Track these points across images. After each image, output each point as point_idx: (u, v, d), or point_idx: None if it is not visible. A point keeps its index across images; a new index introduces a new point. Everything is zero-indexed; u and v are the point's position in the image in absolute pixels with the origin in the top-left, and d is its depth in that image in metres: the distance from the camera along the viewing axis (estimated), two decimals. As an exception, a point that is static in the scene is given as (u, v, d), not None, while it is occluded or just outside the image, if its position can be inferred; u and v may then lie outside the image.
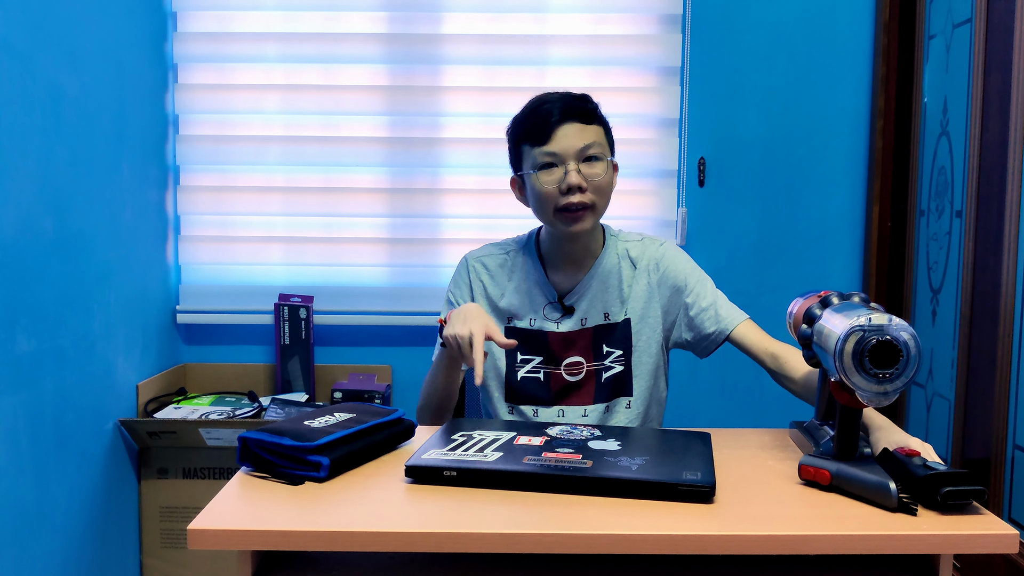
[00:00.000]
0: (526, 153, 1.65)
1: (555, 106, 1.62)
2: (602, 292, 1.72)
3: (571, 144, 1.60)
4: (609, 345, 1.71)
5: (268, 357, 2.62)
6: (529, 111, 1.65)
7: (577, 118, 1.62)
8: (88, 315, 2.05)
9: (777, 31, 2.52)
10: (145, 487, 2.33)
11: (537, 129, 1.61)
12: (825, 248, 2.57)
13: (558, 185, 1.60)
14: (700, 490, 1.18)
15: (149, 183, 2.41)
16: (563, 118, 1.61)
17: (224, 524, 1.12)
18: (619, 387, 1.71)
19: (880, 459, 1.23)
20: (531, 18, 2.55)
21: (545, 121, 1.61)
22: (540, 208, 1.65)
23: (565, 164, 1.61)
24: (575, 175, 1.60)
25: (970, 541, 1.10)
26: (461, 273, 1.79)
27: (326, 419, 1.39)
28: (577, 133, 1.61)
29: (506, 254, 1.77)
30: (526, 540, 1.09)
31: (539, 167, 1.62)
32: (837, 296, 1.31)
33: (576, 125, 1.62)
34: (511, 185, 1.73)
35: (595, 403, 1.71)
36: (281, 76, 2.58)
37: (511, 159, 1.71)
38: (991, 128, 1.91)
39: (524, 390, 1.71)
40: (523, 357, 1.72)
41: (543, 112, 1.62)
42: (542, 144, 1.61)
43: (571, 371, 1.71)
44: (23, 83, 1.79)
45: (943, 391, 2.11)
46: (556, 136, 1.60)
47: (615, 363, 1.71)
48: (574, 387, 1.71)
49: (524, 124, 1.65)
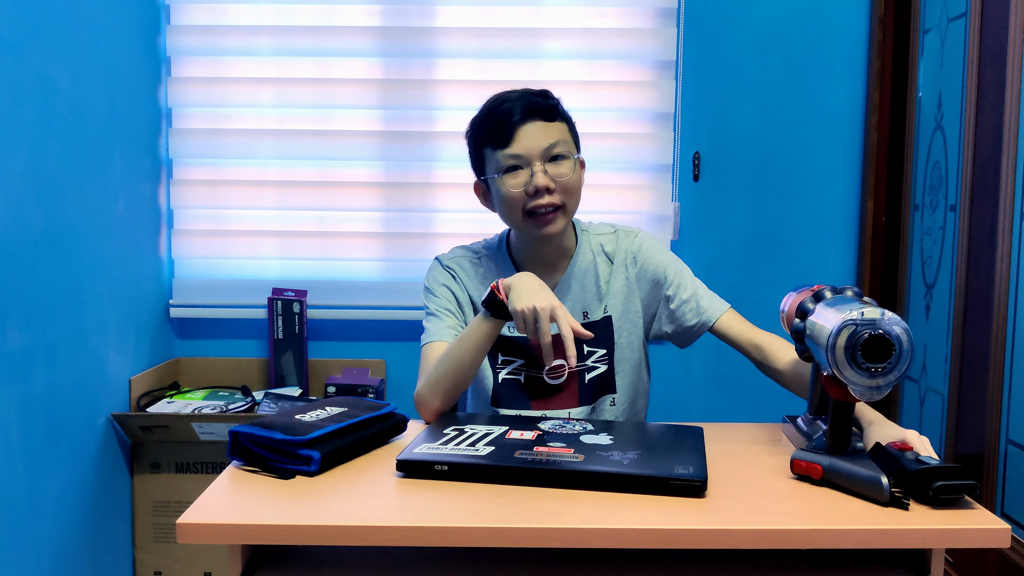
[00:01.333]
0: (488, 156, 1.59)
1: (515, 105, 1.56)
2: (580, 291, 1.68)
3: (535, 144, 1.55)
4: (590, 344, 1.67)
5: (261, 351, 2.61)
6: (488, 112, 1.59)
7: (539, 116, 1.56)
8: (80, 309, 2.04)
9: (772, 25, 2.52)
10: (138, 481, 2.33)
11: (498, 130, 1.56)
12: (819, 243, 2.57)
13: (524, 188, 1.56)
14: (692, 484, 1.18)
15: (142, 177, 2.41)
16: (524, 117, 1.55)
17: (214, 518, 1.12)
18: (603, 386, 1.67)
19: (872, 453, 1.23)
20: (526, 11, 2.54)
21: (506, 121, 1.55)
22: (508, 213, 1.60)
23: (531, 165, 1.55)
24: (542, 176, 1.55)
25: (962, 535, 1.10)
26: (439, 271, 1.71)
27: (317, 413, 1.39)
28: (540, 132, 1.56)
29: (477, 258, 1.71)
30: (518, 534, 1.09)
31: (503, 170, 1.56)
32: (830, 290, 1.30)
33: (538, 123, 1.56)
34: (475, 191, 1.68)
35: (580, 405, 1.66)
36: (274, 69, 2.57)
37: (473, 163, 1.66)
38: (985, 123, 1.91)
39: (505, 393, 1.66)
40: (504, 359, 1.67)
41: (503, 112, 1.56)
42: (504, 146, 1.56)
43: (553, 375, 1.66)
44: (14, 76, 1.78)
45: (936, 386, 2.11)
46: (518, 136, 1.55)
47: (599, 363, 1.67)
48: (556, 390, 1.66)
49: (484, 126, 1.59)
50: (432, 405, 1.56)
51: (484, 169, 1.63)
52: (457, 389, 1.56)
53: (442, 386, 1.54)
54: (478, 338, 1.53)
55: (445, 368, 1.54)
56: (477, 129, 1.62)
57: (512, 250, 1.71)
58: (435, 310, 1.68)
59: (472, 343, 1.53)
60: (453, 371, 1.53)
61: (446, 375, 1.54)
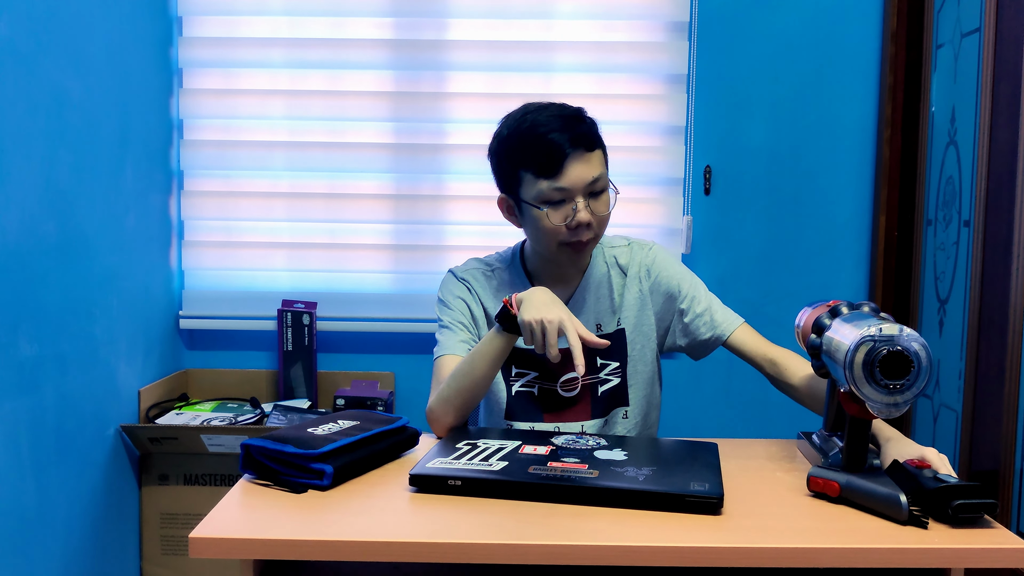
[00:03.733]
0: (528, 181, 1.55)
1: (563, 136, 1.52)
2: (594, 304, 1.67)
3: (580, 178, 1.52)
4: (604, 357, 1.66)
5: (271, 363, 2.61)
6: (531, 136, 1.54)
7: (583, 146, 1.54)
8: (90, 320, 2.04)
9: (784, 39, 2.51)
10: (146, 493, 2.32)
11: (544, 160, 1.52)
12: (831, 257, 2.56)
13: (567, 223, 1.54)
14: (708, 501, 1.17)
15: (153, 188, 2.41)
16: (573, 149, 1.52)
17: (226, 532, 1.11)
18: (616, 399, 1.67)
19: (890, 471, 1.22)
20: (538, 24, 2.54)
21: (555, 153, 1.51)
22: (544, 240, 1.58)
23: (574, 200, 1.53)
24: (585, 213, 1.53)
25: (982, 555, 1.09)
26: (453, 283, 1.70)
27: (329, 426, 1.38)
28: (584, 165, 1.53)
29: (491, 271, 1.70)
30: (532, 551, 1.08)
31: (548, 202, 1.54)
32: (847, 306, 1.30)
33: (583, 155, 1.53)
34: (499, 205, 1.65)
35: (592, 418, 1.66)
36: (286, 82, 2.57)
37: (501, 178, 1.62)
38: (1000, 137, 1.90)
39: (519, 406, 1.65)
40: (517, 371, 1.66)
41: (551, 142, 1.52)
42: (551, 177, 1.52)
43: (567, 387, 1.65)
44: (27, 87, 1.78)
45: (950, 402, 2.09)
46: (566, 171, 1.52)
47: (612, 375, 1.66)
48: (569, 403, 1.65)
49: (527, 151, 1.54)
50: (445, 420, 1.55)
51: (517, 188, 1.58)
52: (469, 405, 1.55)
53: (455, 402, 1.53)
54: (491, 353, 1.52)
55: (458, 383, 1.53)
56: (516, 151, 1.56)
57: (527, 263, 1.70)
58: (449, 323, 1.67)
59: (485, 358, 1.52)
60: (466, 387, 1.52)
61: (459, 391, 1.53)
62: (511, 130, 1.58)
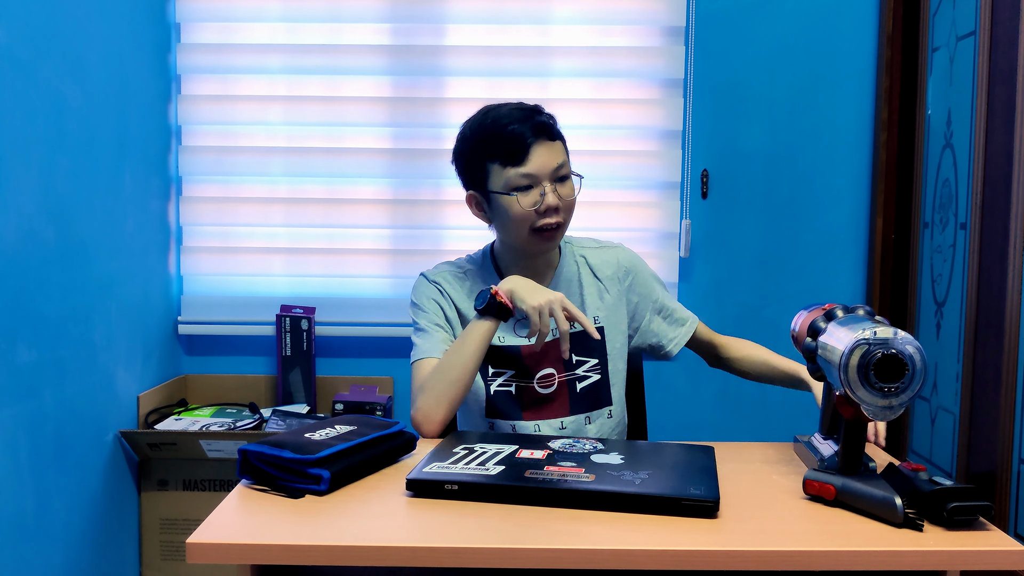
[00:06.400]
0: (495, 172, 1.62)
1: (526, 125, 1.60)
2: None
3: (545, 164, 1.60)
4: (580, 354, 1.70)
5: (269, 368, 2.61)
6: (495, 128, 1.61)
7: (545, 135, 1.61)
8: (89, 326, 2.04)
9: (780, 43, 2.52)
10: (145, 499, 2.32)
11: (511, 149, 1.59)
12: (828, 260, 2.56)
13: (535, 207, 1.60)
14: (704, 505, 1.17)
15: (151, 193, 2.41)
16: (535, 137, 1.60)
17: (224, 538, 1.11)
18: (599, 397, 1.70)
19: (886, 474, 1.22)
20: (534, 30, 2.55)
21: (520, 141, 1.59)
22: (514, 228, 1.63)
23: (541, 185, 1.60)
24: (552, 196, 1.60)
25: (977, 557, 1.09)
26: (425, 286, 1.73)
27: (327, 431, 1.38)
28: (549, 152, 1.61)
29: (463, 272, 1.75)
30: (529, 555, 1.08)
31: (515, 188, 1.60)
32: (842, 309, 1.30)
33: (546, 143, 1.61)
34: (468, 202, 1.71)
35: (572, 414, 1.69)
36: (284, 87, 2.58)
37: (467, 176, 1.68)
38: (996, 140, 1.91)
39: (498, 404, 1.68)
40: (494, 371, 1.69)
41: (515, 132, 1.59)
42: (518, 165, 1.59)
43: (543, 383, 1.69)
44: (26, 93, 1.79)
45: (947, 405, 2.10)
46: (531, 157, 1.59)
47: (591, 372, 1.70)
48: (547, 399, 1.68)
49: (493, 142, 1.61)
50: (436, 416, 1.57)
51: (484, 181, 1.64)
52: (460, 397, 1.58)
53: (448, 394, 1.57)
54: (478, 339, 1.57)
55: (448, 376, 1.56)
56: (481, 144, 1.63)
57: (499, 261, 1.74)
58: (425, 325, 1.70)
59: (473, 346, 1.57)
60: (457, 376, 1.56)
61: (450, 383, 1.56)
62: (474, 128, 1.65)
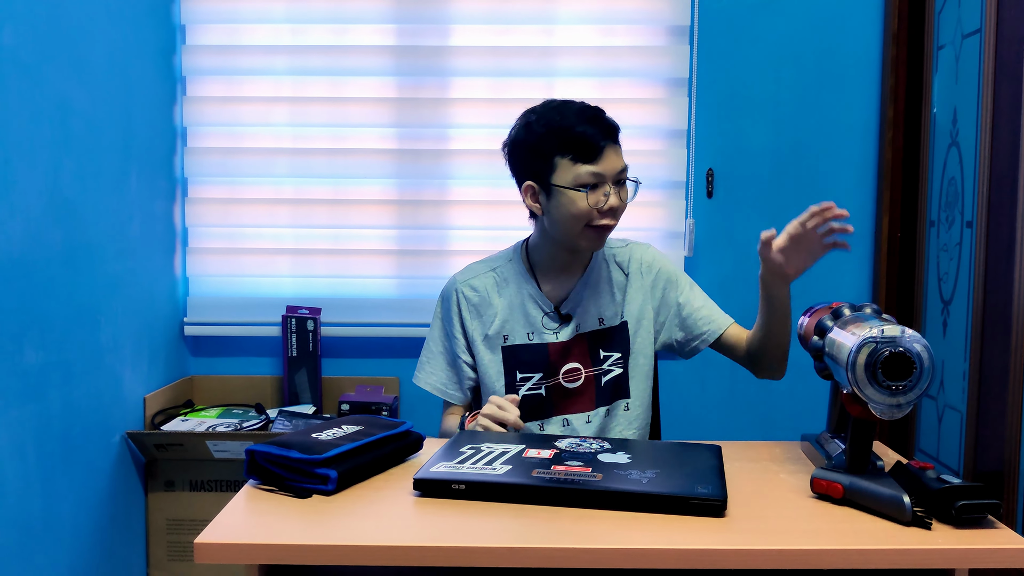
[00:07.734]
0: (563, 166, 1.62)
1: (599, 126, 1.63)
2: (595, 297, 1.74)
3: (613, 166, 1.62)
4: (606, 349, 1.73)
5: (275, 369, 2.61)
6: (570, 124, 1.62)
7: (613, 139, 1.65)
8: (96, 327, 2.04)
9: (785, 42, 2.52)
10: (152, 500, 2.32)
11: (585, 146, 1.61)
12: (834, 259, 2.54)
13: (598, 205, 1.62)
14: (712, 503, 1.17)
15: (157, 195, 2.42)
16: (606, 139, 1.63)
17: (231, 538, 1.12)
18: (618, 390, 1.73)
19: (894, 472, 1.22)
20: (539, 30, 2.55)
21: (594, 140, 1.61)
22: (570, 222, 1.63)
23: (605, 185, 1.62)
24: (615, 198, 1.63)
25: (986, 555, 1.09)
26: (444, 302, 1.80)
27: (334, 432, 1.38)
28: (616, 155, 1.64)
29: (494, 271, 1.77)
30: (536, 554, 1.08)
31: (583, 185, 1.61)
32: (849, 308, 1.30)
33: (614, 146, 1.64)
34: (525, 192, 1.69)
35: (597, 407, 1.72)
36: (289, 88, 2.58)
37: (531, 166, 1.66)
38: (1002, 138, 1.90)
39: (530, 407, 1.71)
40: (522, 376, 1.72)
41: (589, 131, 1.62)
42: (590, 163, 1.61)
43: (569, 378, 1.72)
44: (31, 96, 1.79)
45: (955, 403, 2.09)
46: (603, 157, 1.61)
47: (614, 366, 1.73)
48: (574, 393, 1.72)
49: (566, 138, 1.62)
50: None
51: (547, 175, 1.64)
52: None
53: None
54: None
55: None
56: (552, 137, 1.63)
57: (532, 255, 1.76)
58: (430, 342, 1.82)
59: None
60: None
61: None
62: (545, 122, 1.65)
